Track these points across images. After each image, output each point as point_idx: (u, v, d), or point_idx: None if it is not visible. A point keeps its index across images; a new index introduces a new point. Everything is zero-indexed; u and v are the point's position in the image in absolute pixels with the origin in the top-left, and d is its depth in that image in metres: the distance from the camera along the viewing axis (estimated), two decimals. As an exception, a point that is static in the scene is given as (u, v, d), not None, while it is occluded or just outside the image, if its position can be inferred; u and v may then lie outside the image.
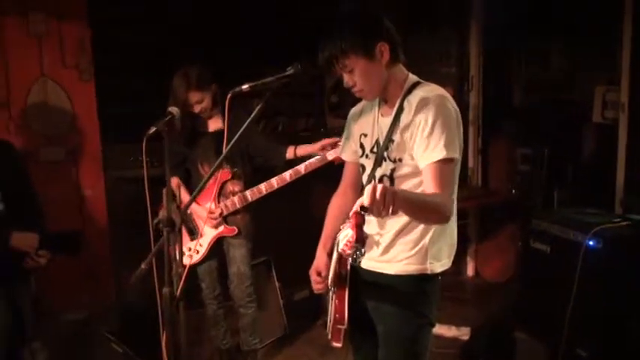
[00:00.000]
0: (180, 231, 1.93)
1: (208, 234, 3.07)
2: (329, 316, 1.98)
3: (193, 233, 3.12)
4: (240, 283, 3.12)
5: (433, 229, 1.83)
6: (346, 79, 1.79)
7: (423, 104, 1.73)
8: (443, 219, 1.71)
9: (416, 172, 1.79)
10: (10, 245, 2.55)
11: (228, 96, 1.88)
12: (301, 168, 2.91)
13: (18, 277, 2.67)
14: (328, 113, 5.21)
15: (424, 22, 4.70)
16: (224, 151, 2.02)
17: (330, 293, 1.95)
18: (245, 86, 1.87)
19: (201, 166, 3.07)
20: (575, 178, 4.20)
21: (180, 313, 2.58)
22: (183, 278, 1.98)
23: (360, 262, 1.50)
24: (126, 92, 3.70)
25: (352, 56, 1.73)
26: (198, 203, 3.06)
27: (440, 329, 3.63)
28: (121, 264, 3.64)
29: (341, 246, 1.48)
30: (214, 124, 3.08)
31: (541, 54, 4.91)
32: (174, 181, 3.07)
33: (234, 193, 3.05)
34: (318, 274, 2.02)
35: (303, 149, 3.00)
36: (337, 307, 1.88)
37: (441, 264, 1.87)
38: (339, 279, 1.87)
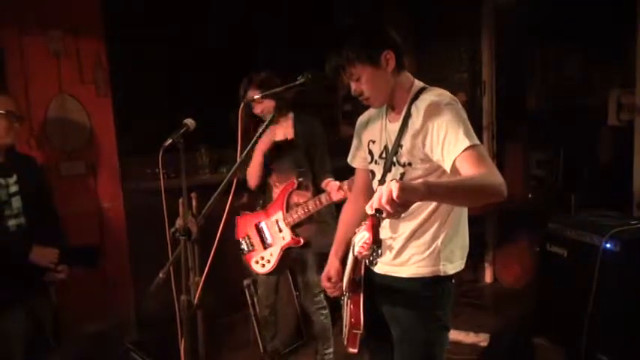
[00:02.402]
0: (197, 242, 1.97)
1: (277, 245, 3.09)
2: (344, 322, 1.99)
3: (265, 244, 3.13)
4: (308, 292, 3.16)
5: (446, 231, 1.84)
6: (353, 87, 1.83)
7: (431, 109, 1.75)
8: (497, 194, 1.58)
9: (426, 175, 1.80)
10: (30, 259, 2.61)
11: (241, 105, 1.92)
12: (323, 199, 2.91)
13: (38, 289, 2.73)
14: (342, 122, 5.25)
15: (436, 28, 4.73)
16: (238, 157, 2.04)
17: (345, 298, 1.97)
18: (257, 96, 1.91)
19: (270, 176, 3.10)
20: (592, 181, 4.18)
21: (199, 321, 2.61)
22: (201, 286, 2.01)
23: (376, 263, 1.51)
24: (142, 105, 3.76)
25: (358, 65, 1.76)
26: (267, 215, 3.09)
27: (458, 336, 3.61)
28: (139, 274, 3.69)
29: (357, 249, 1.49)
30: (283, 134, 3.07)
31: (555, 58, 4.91)
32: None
33: (298, 204, 3.04)
34: (329, 279, 2.05)
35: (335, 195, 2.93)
36: (352, 312, 1.89)
37: (453, 266, 1.88)
38: (354, 284, 1.88)
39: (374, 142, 1.96)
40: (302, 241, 3.05)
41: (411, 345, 1.89)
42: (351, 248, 1.96)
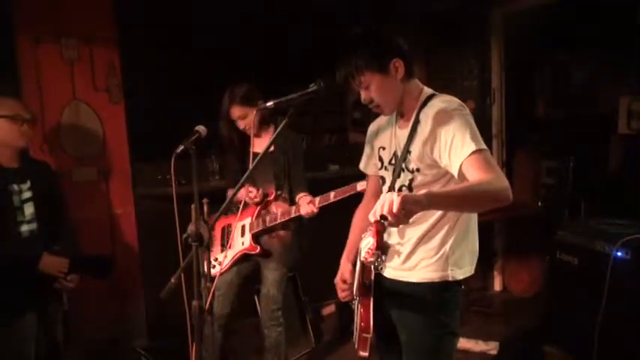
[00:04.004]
0: (208, 247, 1.99)
1: (234, 249, 3.12)
2: (355, 326, 2.00)
3: (224, 246, 3.18)
4: (267, 305, 3.10)
5: (454, 236, 1.85)
6: (363, 95, 1.85)
7: (439, 115, 1.77)
8: (501, 199, 1.59)
9: (434, 180, 1.82)
10: (40, 268, 2.62)
11: (254, 113, 1.95)
12: (330, 196, 2.85)
13: (50, 294, 2.74)
14: (351, 129, 5.27)
15: (446, 37, 4.74)
16: (249, 167, 2.07)
17: (356, 302, 1.98)
18: (270, 103, 1.94)
19: (255, 186, 3.08)
20: (602, 188, 4.16)
21: (208, 326, 2.62)
22: (212, 291, 2.03)
23: (382, 268, 1.52)
24: (154, 112, 3.80)
25: (367, 73, 1.79)
26: (238, 219, 3.12)
27: (468, 344, 3.60)
28: (150, 279, 3.71)
29: (363, 254, 1.51)
30: (264, 146, 3.04)
31: (564, 66, 4.90)
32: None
33: (268, 213, 3.07)
34: (344, 281, 2.06)
35: (304, 208, 2.93)
36: (362, 316, 1.90)
37: (462, 271, 1.88)
38: (364, 288, 1.90)
39: (384, 148, 1.99)
40: (258, 248, 3.05)
41: (418, 350, 1.90)
42: (359, 253, 1.97)
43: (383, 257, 1.49)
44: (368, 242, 1.51)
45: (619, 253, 2.87)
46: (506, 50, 4.66)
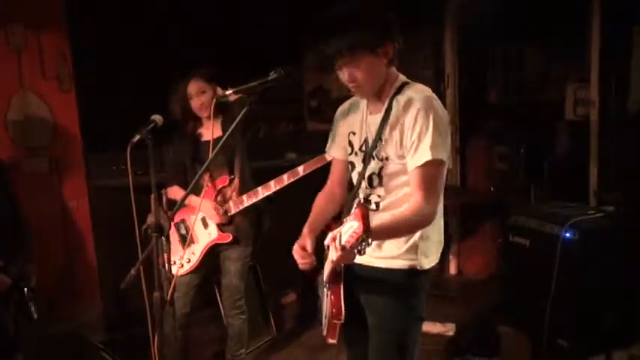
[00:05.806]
0: (168, 238, 1.94)
1: (201, 242, 2.99)
2: (324, 313, 2.00)
3: (185, 240, 3.00)
4: (230, 296, 3.06)
5: None
6: (346, 74, 1.78)
7: (410, 105, 1.76)
8: (423, 226, 1.82)
9: (404, 170, 1.81)
10: None
11: (214, 102, 1.93)
12: (300, 169, 2.74)
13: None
14: (308, 117, 5.27)
15: (402, 24, 4.78)
16: (210, 156, 2.05)
17: (325, 290, 1.97)
18: (229, 91, 1.92)
19: (209, 175, 2.93)
20: (551, 173, 4.31)
21: (169, 322, 2.57)
22: (173, 285, 2.00)
23: (364, 253, 1.49)
24: (107, 101, 3.70)
25: (359, 52, 1.73)
26: (191, 211, 2.97)
27: (426, 326, 3.63)
28: (107, 273, 3.64)
29: (345, 238, 1.46)
30: (217, 132, 2.89)
31: (515, 54, 5.03)
32: (175, 189, 3.01)
33: (228, 199, 2.94)
34: (303, 248, 1.95)
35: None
36: (333, 303, 1.89)
37: (429, 260, 1.92)
38: (334, 275, 1.90)
39: (354, 133, 1.96)
40: (231, 237, 2.93)
41: (385, 334, 1.92)
42: (337, 240, 1.94)
43: (368, 240, 1.47)
44: (352, 226, 1.46)
45: (567, 234, 2.99)
46: (460, 37, 4.73)
